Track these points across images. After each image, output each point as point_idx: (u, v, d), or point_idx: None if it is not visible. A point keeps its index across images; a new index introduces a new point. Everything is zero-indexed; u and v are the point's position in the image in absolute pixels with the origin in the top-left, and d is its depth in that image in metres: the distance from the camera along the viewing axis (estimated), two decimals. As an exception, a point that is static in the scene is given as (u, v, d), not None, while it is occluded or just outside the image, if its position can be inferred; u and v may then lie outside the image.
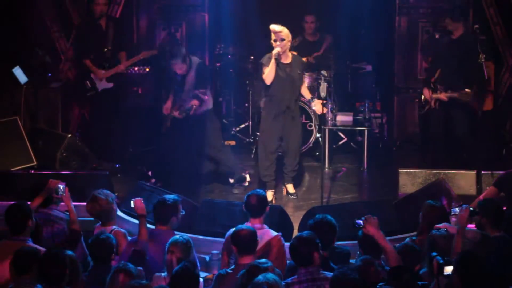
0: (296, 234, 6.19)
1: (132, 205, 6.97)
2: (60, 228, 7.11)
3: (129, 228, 7.77)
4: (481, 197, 7.91)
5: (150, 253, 6.63)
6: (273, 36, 9.21)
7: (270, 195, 9.28)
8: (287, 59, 9.35)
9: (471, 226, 6.78)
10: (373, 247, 6.29)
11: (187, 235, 6.50)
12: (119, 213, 8.04)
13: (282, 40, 9.17)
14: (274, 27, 9.19)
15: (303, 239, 5.97)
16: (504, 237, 6.56)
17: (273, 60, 9.15)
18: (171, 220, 6.84)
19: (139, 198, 7.01)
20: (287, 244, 6.74)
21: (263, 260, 5.83)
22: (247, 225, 6.64)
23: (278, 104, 9.36)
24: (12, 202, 6.75)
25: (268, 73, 9.22)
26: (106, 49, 10.49)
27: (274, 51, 9.14)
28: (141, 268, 6.05)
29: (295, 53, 9.52)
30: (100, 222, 7.10)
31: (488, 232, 6.57)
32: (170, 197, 6.97)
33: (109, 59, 10.53)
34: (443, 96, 9.57)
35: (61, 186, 7.04)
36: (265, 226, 6.92)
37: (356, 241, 6.59)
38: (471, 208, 6.48)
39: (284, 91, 9.32)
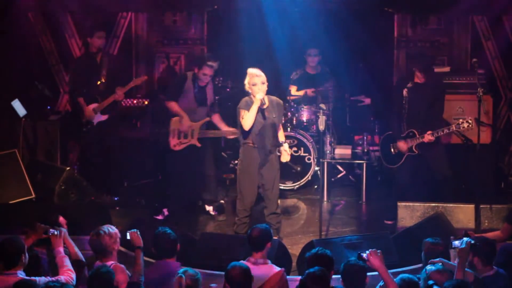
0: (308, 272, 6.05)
1: (128, 237, 6.94)
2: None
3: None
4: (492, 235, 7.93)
5: (156, 284, 6.63)
6: (251, 80, 8.78)
7: None
8: (266, 103, 8.85)
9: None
10: (355, 280, 6.24)
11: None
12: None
13: (263, 83, 8.76)
14: (254, 71, 8.81)
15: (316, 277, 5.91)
16: (495, 274, 6.57)
17: (256, 106, 8.68)
18: (177, 250, 6.89)
19: (134, 230, 6.97)
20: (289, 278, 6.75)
21: None
22: (242, 262, 6.50)
23: (259, 151, 8.89)
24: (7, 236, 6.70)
25: (248, 118, 8.71)
26: (99, 82, 10.38)
27: (259, 96, 8.66)
28: None
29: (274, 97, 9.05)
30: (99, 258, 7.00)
31: (479, 271, 6.57)
32: (169, 230, 6.95)
33: (102, 92, 10.36)
34: (428, 138, 9.31)
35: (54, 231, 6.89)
36: (269, 261, 6.88)
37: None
38: (472, 242, 6.45)
39: (265, 136, 8.87)
